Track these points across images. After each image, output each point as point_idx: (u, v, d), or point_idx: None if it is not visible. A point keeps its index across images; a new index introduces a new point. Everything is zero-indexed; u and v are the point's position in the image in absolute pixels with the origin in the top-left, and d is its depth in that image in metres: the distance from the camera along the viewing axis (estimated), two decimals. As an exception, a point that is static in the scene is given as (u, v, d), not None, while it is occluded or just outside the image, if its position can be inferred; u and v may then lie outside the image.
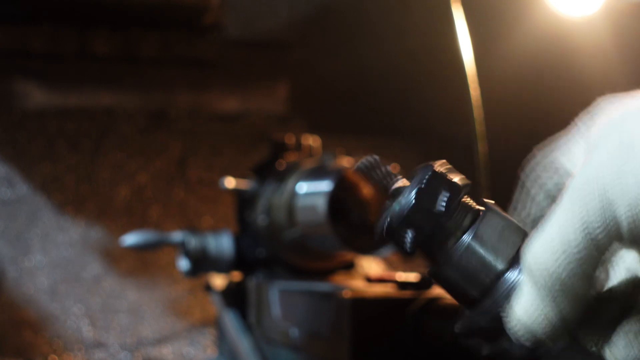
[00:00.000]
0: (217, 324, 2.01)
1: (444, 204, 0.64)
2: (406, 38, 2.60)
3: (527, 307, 0.59)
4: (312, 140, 1.90)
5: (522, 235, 0.64)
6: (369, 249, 1.68)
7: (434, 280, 0.66)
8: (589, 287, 0.59)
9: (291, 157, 1.84)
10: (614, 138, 0.58)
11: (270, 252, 1.78)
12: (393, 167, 0.69)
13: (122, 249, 2.41)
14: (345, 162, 1.70)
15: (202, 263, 1.77)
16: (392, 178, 0.69)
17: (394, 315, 1.32)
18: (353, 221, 1.69)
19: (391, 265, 2.68)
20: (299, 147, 1.87)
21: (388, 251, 1.65)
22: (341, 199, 1.68)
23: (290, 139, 1.88)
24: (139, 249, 1.79)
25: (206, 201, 2.55)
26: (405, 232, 0.65)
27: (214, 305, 1.91)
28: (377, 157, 0.70)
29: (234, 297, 1.83)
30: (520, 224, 0.65)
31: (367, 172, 0.69)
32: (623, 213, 0.56)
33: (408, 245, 0.65)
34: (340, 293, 1.37)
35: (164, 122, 2.54)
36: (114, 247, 2.44)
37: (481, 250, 0.64)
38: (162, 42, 2.52)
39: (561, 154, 0.67)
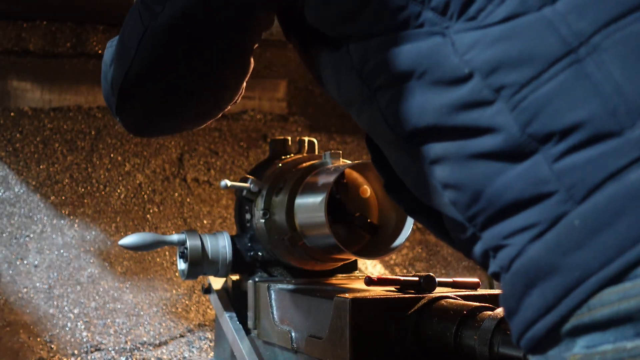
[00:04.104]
0: (215, 327, 2.00)
1: None
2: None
3: None
4: (312, 140, 1.89)
5: None
6: (368, 250, 1.66)
7: None
8: None
9: (291, 157, 1.83)
10: None
11: (268, 253, 1.77)
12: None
13: (119, 250, 2.40)
14: (345, 162, 1.69)
15: (200, 265, 1.76)
16: None
17: (394, 316, 1.31)
18: (352, 222, 1.67)
19: (391, 267, 2.66)
20: (298, 147, 1.87)
21: (387, 253, 1.63)
22: (340, 200, 1.66)
23: (290, 139, 1.87)
24: (137, 249, 1.79)
25: (204, 202, 2.54)
26: None
27: (212, 308, 1.90)
28: None
29: (232, 299, 1.83)
30: None
31: None
32: None
33: None
34: (340, 295, 1.36)
35: (161, 122, 2.53)
36: (111, 249, 2.43)
37: None
38: (160, 41, 2.51)
39: None
